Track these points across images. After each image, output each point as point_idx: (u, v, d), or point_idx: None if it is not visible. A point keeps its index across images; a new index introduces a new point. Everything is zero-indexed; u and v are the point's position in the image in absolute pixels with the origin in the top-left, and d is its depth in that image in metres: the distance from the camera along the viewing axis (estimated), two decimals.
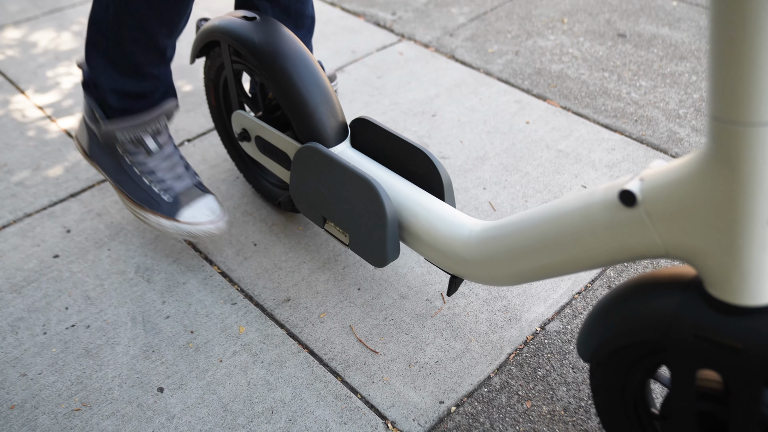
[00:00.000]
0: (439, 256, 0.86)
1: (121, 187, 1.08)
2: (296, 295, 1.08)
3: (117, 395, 0.94)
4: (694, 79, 1.59)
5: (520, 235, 0.74)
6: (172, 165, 1.07)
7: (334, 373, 0.96)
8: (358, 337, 1.01)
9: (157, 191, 1.05)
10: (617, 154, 1.37)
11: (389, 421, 0.90)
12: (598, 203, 0.65)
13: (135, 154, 1.06)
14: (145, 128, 1.04)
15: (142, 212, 1.06)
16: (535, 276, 0.76)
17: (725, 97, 0.53)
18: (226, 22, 1.05)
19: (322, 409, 0.91)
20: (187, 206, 1.05)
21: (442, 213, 0.86)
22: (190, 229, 1.04)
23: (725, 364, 0.60)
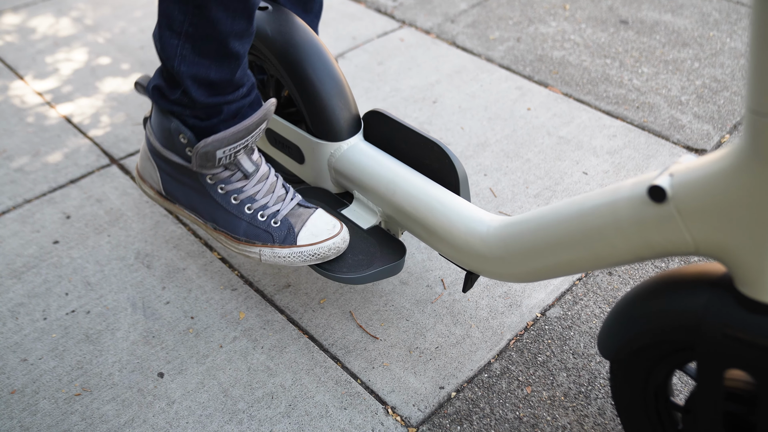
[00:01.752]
0: (456, 252, 0.85)
1: (216, 225, 0.91)
2: (296, 280, 1.08)
3: (117, 380, 0.94)
4: (696, 65, 1.58)
5: (541, 231, 0.72)
6: (271, 186, 0.91)
7: (334, 358, 0.96)
8: (358, 322, 1.01)
9: (262, 219, 0.89)
10: (618, 141, 1.36)
11: (389, 407, 0.90)
12: (626, 199, 0.63)
13: (229, 181, 0.89)
14: (248, 139, 0.86)
15: (251, 248, 0.90)
16: (555, 273, 0.74)
17: (765, 89, 0.51)
18: None
19: (323, 394, 0.91)
20: (302, 227, 0.89)
21: (458, 208, 0.85)
22: (314, 250, 0.88)
23: (756, 364, 0.58)
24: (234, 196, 0.89)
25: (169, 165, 0.90)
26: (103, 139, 1.40)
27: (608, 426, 0.87)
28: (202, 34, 0.79)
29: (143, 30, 1.78)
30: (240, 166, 0.88)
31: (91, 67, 1.64)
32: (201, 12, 0.77)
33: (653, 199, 0.60)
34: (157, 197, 0.95)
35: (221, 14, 0.78)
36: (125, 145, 1.38)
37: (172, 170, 0.90)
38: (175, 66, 0.82)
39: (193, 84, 0.82)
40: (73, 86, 1.57)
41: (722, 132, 1.38)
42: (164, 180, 0.92)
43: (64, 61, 1.66)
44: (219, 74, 0.83)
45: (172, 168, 0.90)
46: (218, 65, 0.82)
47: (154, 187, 0.94)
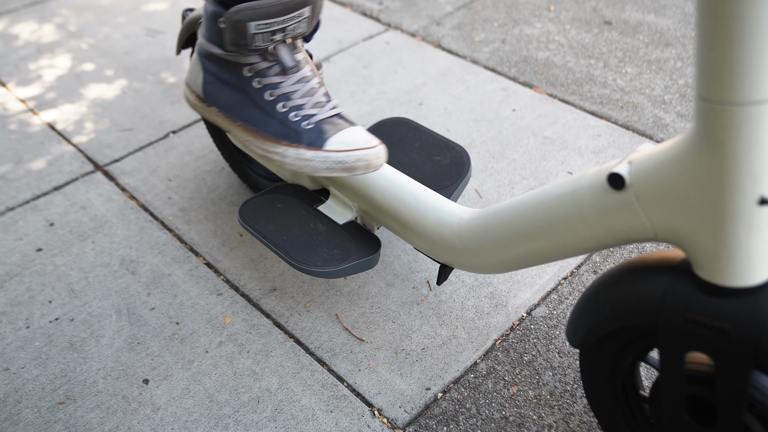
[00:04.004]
0: (428, 245, 0.86)
1: (247, 123, 0.86)
2: (282, 284, 1.08)
3: (101, 388, 0.93)
4: (679, 65, 1.59)
5: (509, 221, 0.74)
6: (310, 90, 0.85)
7: (320, 361, 0.96)
8: (344, 325, 1.01)
9: (295, 119, 0.83)
10: (603, 140, 1.37)
11: (376, 409, 0.90)
12: (587, 187, 0.65)
13: (266, 74, 0.84)
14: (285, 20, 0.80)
15: (276, 147, 0.84)
16: (525, 263, 0.75)
17: (712, 77, 0.52)
18: None
19: (309, 397, 0.91)
20: (335, 134, 0.82)
21: (431, 201, 0.86)
22: (342, 157, 0.81)
23: (714, 346, 0.60)
24: (270, 92, 0.85)
25: (212, 63, 0.88)
26: (87, 146, 1.39)
27: (593, 423, 0.87)
28: None
29: (127, 36, 1.78)
30: (279, 58, 0.84)
31: (75, 73, 1.63)
32: None
33: (613, 187, 0.62)
34: (196, 102, 0.93)
35: None
36: (110, 152, 1.38)
37: (214, 68, 0.87)
38: None
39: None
40: (56, 93, 1.56)
41: None
42: (206, 81, 0.89)
43: (48, 68, 1.65)
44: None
45: (215, 65, 0.87)
46: None
47: (196, 91, 0.92)
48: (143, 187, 1.28)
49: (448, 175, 1.00)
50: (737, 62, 0.51)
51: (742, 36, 0.50)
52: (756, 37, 0.49)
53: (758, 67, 0.50)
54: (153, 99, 1.53)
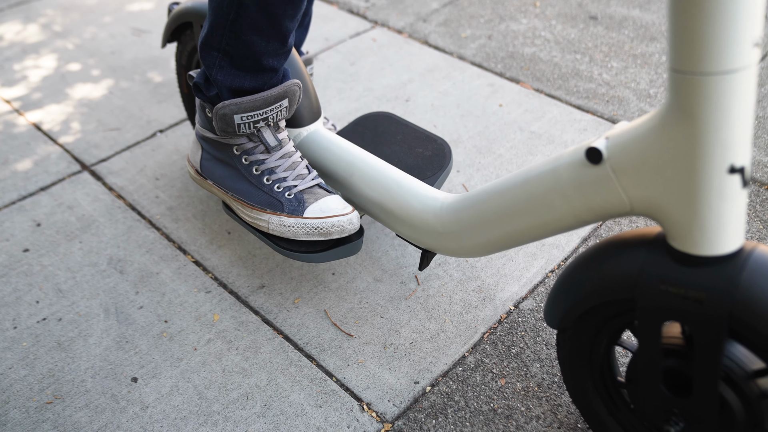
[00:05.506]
0: (411, 230, 0.87)
1: (237, 194, 0.96)
2: (270, 281, 1.08)
3: (90, 387, 0.93)
4: (664, 59, 1.60)
5: (489, 202, 0.75)
6: (293, 164, 0.95)
7: (309, 357, 0.96)
8: (332, 321, 1.01)
9: (278, 190, 0.93)
10: (589, 134, 1.37)
11: (365, 403, 0.90)
12: (566, 164, 0.66)
13: (252, 152, 0.94)
14: (266, 112, 0.91)
15: (261, 215, 0.93)
16: (506, 243, 0.76)
17: (682, 47, 0.53)
18: (198, 4, 1.06)
19: (298, 393, 0.91)
20: (313, 203, 0.91)
21: (413, 188, 0.87)
22: (318, 223, 0.89)
23: (689, 316, 0.61)
24: (256, 167, 0.94)
25: (207, 143, 0.98)
26: (74, 146, 1.39)
27: (580, 414, 0.88)
28: (239, 52, 0.87)
29: (113, 35, 1.77)
30: (263, 139, 0.93)
31: (61, 73, 1.62)
32: (236, 35, 0.85)
33: (591, 161, 0.63)
34: (195, 175, 1.03)
35: (255, 38, 0.85)
36: (97, 151, 1.37)
37: (209, 147, 0.98)
38: (213, 74, 0.89)
39: (227, 91, 0.90)
40: (42, 93, 1.55)
41: None
42: (203, 157, 0.99)
43: (33, 68, 1.64)
44: (253, 84, 0.90)
45: (209, 145, 0.97)
46: (253, 77, 0.90)
47: (194, 166, 1.02)
48: (130, 186, 1.28)
49: (429, 166, 1.02)
50: (706, 32, 0.52)
51: (711, 5, 0.51)
52: (724, 6, 0.51)
53: (727, 36, 0.51)
54: (140, 98, 1.53)
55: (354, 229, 0.91)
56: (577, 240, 1.13)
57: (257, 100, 0.89)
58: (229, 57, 0.87)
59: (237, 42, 0.86)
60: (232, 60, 0.88)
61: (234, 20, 0.83)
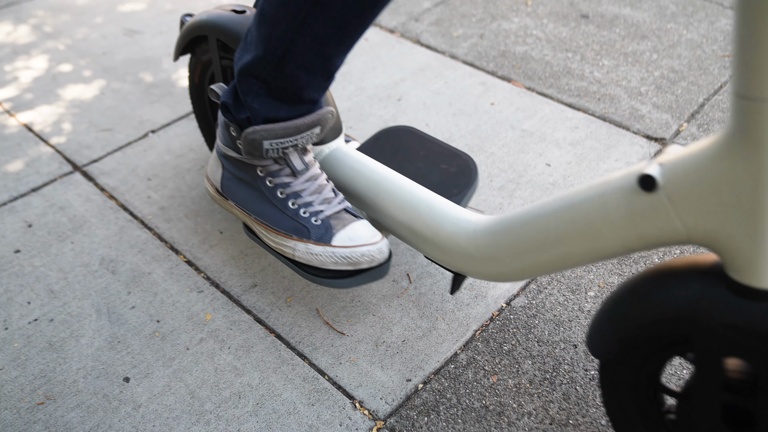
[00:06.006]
0: (443, 254, 0.83)
1: (261, 218, 0.91)
2: (263, 280, 1.08)
3: (82, 387, 0.93)
4: (654, 57, 1.61)
5: (530, 228, 0.71)
6: (319, 187, 0.90)
7: (301, 355, 0.96)
8: (325, 319, 1.01)
9: (304, 216, 0.88)
10: (581, 132, 1.38)
11: (357, 401, 0.90)
12: (615, 190, 0.63)
13: (278, 175, 0.89)
14: (296, 138, 0.86)
15: (287, 241, 0.89)
16: (546, 269, 0.73)
17: (750, 73, 0.51)
18: (214, 16, 1.01)
19: (290, 391, 0.91)
20: (341, 229, 0.87)
21: (444, 209, 0.84)
22: (346, 252, 0.85)
23: (753, 352, 0.57)
24: (280, 190, 0.90)
25: (229, 161, 0.93)
26: (65, 147, 1.38)
27: (573, 410, 0.88)
28: (280, 84, 0.81)
29: (105, 36, 1.77)
30: (289, 162, 0.89)
31: (52, 74, 1.62)
32: (281, 69, 0.79)
33: (644, 189, 0.60)
34: (215, 195, 0.99)
35: (301, 73, 0.79)
36: (88, 152, 1.37)
37: (231, 166, 0.93)
38: (248, 100, 0.84)
39: (261, 119, 0.85)
40: (33, 94, 1.55)
41: (680, 121, 1.41)
42: (224, 176, 0.95)
43: (24, 69, 1.63)
44: (289, 114, 0.84)
45: (232, 165, 0.93)
46: (290, 108, 0.84)
47: (215, 185, 0.97)
48: (122, 186, 1.28)
49: (455, 183, 0.99)
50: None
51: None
52: None
53: None
54: (132, 99, 1.53)
55: (384, 258, 0.87)
56: None
57: (289, 128, 0.84)
58: (267, 86, 0.82)
59: (280, 75, 0.80)
60: (271, 90, 0.82)
61: (282, 55, 0.78)
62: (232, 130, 0.89)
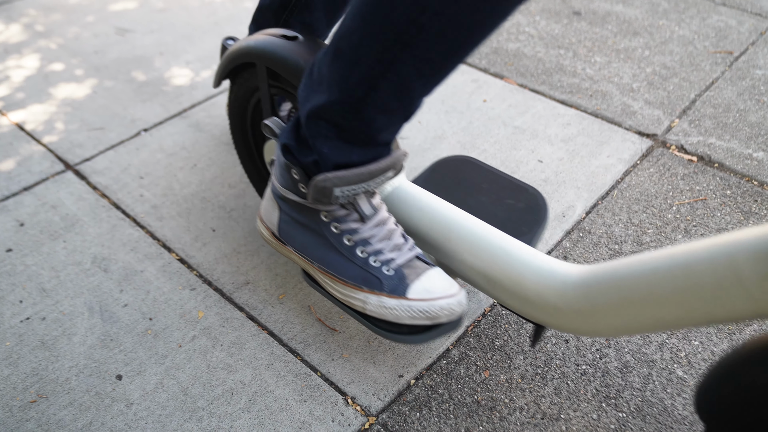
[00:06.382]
0: (525, 305, 0.77)
1: (325, 267, 0.84)
2: (255, 278, 1.08)
3: (74, 385, 0.93)
4: (647, 53, 1.62)
5: (634, 284, 0.65)
6: (388, 233, 0.83)
7: (293, 352, 0.96)
8: (317, 316, 1.02)
9: (374, 265, 0.81)
10: (573, 129, 1.38)
11: (349, 397, 0.90)
12: (748, 254, 0.57)
13: (344, 220, 0.82)
14: (369, 184, 0.78)
15: (357, 293, 0.82)
16: (651, 328, 0.66)
17: None
18: (264, 43, 0.93)
19: (282, 388, 0.92)
20: (416, 280, 0.80)
21: (527, 257, 0.77)
22: (425, 306, 0.78)
23: None
24: (348, 237, 0.82)
25: (287, 204, 0.85)
26: (57, 146, 1.38)
27: (564, 405, 0.89)
28: (354, 127, 0.73)
29: (97, 35, 1.76)
30: (357, 207, 0.81)
31: (44, 73, 1.61)
32: (357, 113, 0.71)
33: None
34: (271, 239, 0.91)
35: (379, 115, 0.71)
36: (80, 151, 1.37)
37: (290, 209, 0.85)
38: (317, 145, 0.76)
39: (332, 165, 0.77)
40: (25, 93, 1.54)
41: (672, 117, 1.41)
42: (282, 220, 0.87)
43: (16, 68, 1.63)
44: (362, 158, 0.77)
45: (290, 207, 0.85)
46: (363, 151, 0.76)
47: (270, 228, 0.90)
48: (115, 185, 1.28)
49: (524, 221, 0.91)
50: None
51: None
52: None
53: None
54: (124, 98, 1.53)
55: (464, 311, 0.81)
56: (561, 233, 1.14)
57: (363, 174, 0.76)
58: (339, 129, 0.74)
59: (356, 119, 0.72)
60: (343, 133, 0.74)
61: (361, 99, 0.69)
62: (295, 173, 0.80)
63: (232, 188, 1.26)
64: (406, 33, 0.62)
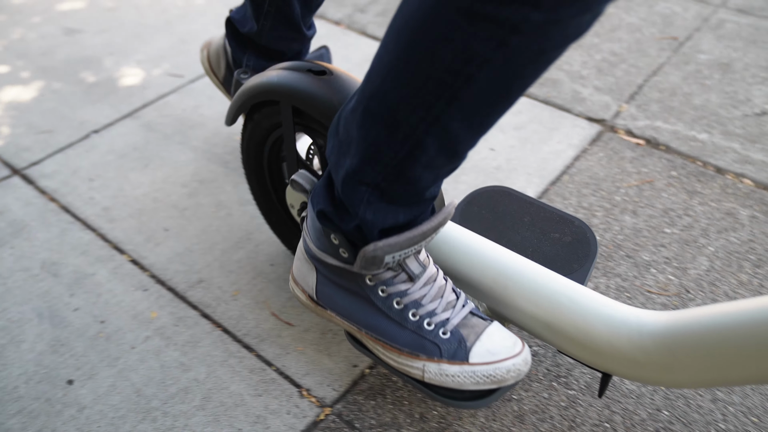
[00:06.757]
0: (594, 356, 0.71)
1: (375, 333, 0.76)
2: (209, 276, 1.07)
3: (23, 392, 0.91)
4: (596, 41, 1.64)
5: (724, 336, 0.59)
6: (439, 290, 0.76)
7: (248, 348, 0.96)
8: (272, 311, 1.01)
9: (429, 328, 0.74)
10: (524, 117, 1.40)
11: (304, 389, 0.90)
12: None
13: (392, 283, 0.75)
14: (421, 244, 0.72)
15: (414, 362, 0.74)
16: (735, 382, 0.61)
17: None
18: (290, 80, 0.83)
19: (237, 383, 0.91)
20: (476, 341, 0.73)
21: (594, 303, 0.71)
22: (490, 370, 0.72)
23: None
24: (397, 300, 0.75)
25: (325, 267, 0.78)
26: (3, 150, 1.35)
27: (516, 385, 0.90)
28: (397, 189, 0.67)
29: (44, 36, 1.73)
30: (405, 267, 0.75)
31: None
32: (401, 173, 0.65)
33: None
34: (308, 302, 0.83)
35: (425, 174, 0.65)
36: (28, 155, 1.34)
37: (329, 272, 0.78)
38: (360, 212, 0.69)
39: (378, 230, 0.70)
40: None
41: (620, 101, 1.44)
42: (319, 282, 0.80)
43: None
44: (408, 217, 0.70)
45: (330, 271, 0.78)
46: (408, 210, 0.70)
47: (307, 290, 0.82)
48: (64, 188, 1.26)
49: (574, 257, 0.85)
50: None
51: None
52: None
53: None
54: (73, 99, 1.50)
55: (529, 369, 0.75)
56: None
57: (416, 237, 0.70)
58: (380, 191, 0.67)
59: (399, 180, 0.65)
60: (385, 195, 0.67)
61: (404, 158, 0.63)
62: (335, 239, 0.73)
63: (184, 187, 1.25)
64: (452, 86, 0.56)
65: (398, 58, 0.58)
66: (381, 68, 0.60)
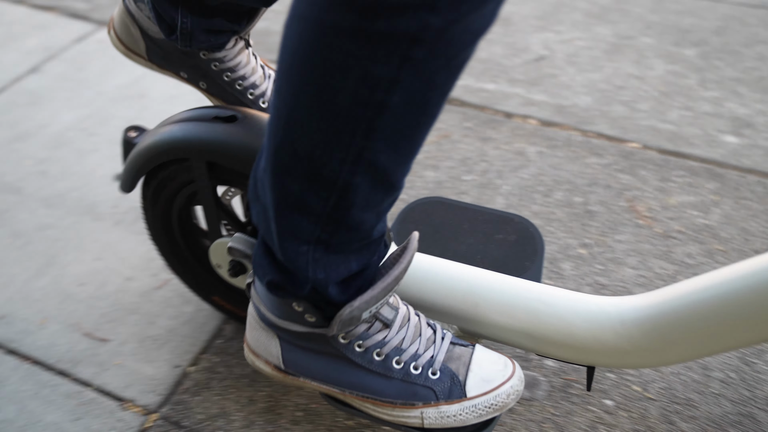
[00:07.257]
0: (578, 353, 0.70)
1: (360, 391, 0.70)
2: (11, 310, 1.01)
3: None
4: None
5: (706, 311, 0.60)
6: (416, 328, 0.71)
7: (62, 374, 0.92)
8: (85, 331, 0.98)
9: (416, 372, 0.69)
10: None
11: (127, 401, 0.88)
12: None
13: (368, 336, 0.69)
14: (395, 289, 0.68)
15: (411, 412, 0.69)
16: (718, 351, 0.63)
17: None
18: (199, 133, 0.73)
19: (52, 413, 0.87)
20: (467, 373, 0.69)
21: (569, 303, 0.70)
22: (490, 400, 0.68)
23: None
24: (377, 351, 0.69)
25: (290, 333, 0.71)
26: None
27: None
28: (341, 237, 0.61)
29: None
30: (379, 316, 0.69)
31: None
32: (340, 221, 0.59)
33: None
34: (275, 373, 0.74)
35: (364, 214, 0.59)
36: None
37: (294, 338, 0.71)
38: (309, 274, 0.63)
39: (334, 286, 0.65)
40: None
41: None
42: (285, 350, 0.72)
43: None
44: (361, 263, 0.65)
45: (294, 336, 0.71)
46: (360, 256, 0.64)
47: (271, 361, 0.73)
48: None
49: (523, 254, 0.84)
50: None
51: None
52: None
53: None
54: None
55: (523, 384, 0.73)
56: None
57: (389, 285, 0.65)
58: (324, 245, 0.61)
59: (339, 227, 0.59)
60: (330, 247, 0.61)
61: (337, 206, 0.57)
62: (297, 306, 0.67)
63: None
64: (365, 118, 0.50)
65: (297, 102, 0.51)
66: (280, 118, 0.54)
